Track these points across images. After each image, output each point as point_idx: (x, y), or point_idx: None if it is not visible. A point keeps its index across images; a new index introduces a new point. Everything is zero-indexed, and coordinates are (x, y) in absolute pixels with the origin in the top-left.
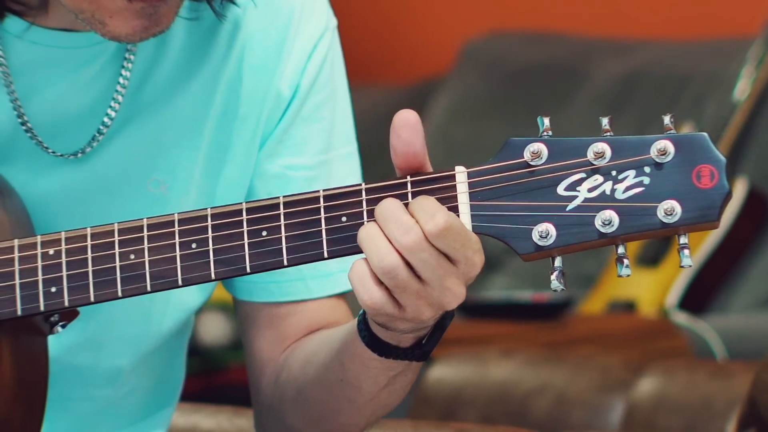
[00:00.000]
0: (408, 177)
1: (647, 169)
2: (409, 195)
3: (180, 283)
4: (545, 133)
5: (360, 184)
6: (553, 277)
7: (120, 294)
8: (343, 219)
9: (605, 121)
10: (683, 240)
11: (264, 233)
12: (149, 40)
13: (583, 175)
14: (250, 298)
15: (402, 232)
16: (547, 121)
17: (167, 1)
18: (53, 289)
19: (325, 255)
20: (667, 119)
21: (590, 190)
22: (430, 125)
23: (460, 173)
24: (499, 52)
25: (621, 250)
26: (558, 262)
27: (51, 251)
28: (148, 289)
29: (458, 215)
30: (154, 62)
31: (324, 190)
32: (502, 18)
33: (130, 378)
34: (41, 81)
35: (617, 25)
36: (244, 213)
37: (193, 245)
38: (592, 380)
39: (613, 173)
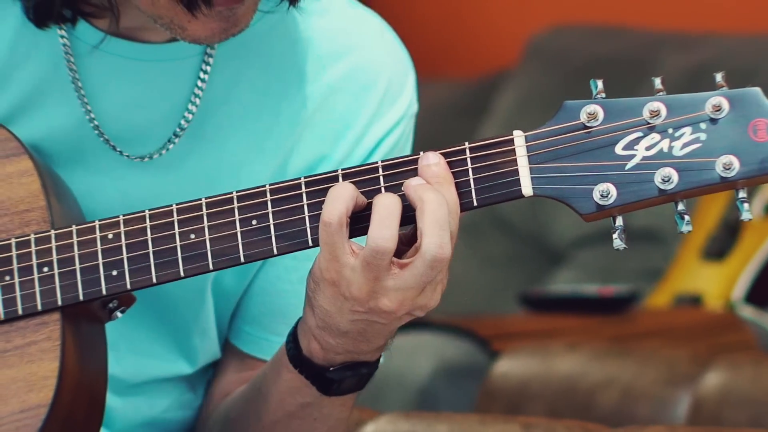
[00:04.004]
0: (466, 144)
1: (703, 126)
2: (468, 161)
3: (242, 260)
4: (599, 95)
5: (418, 153)
6: (615, 235)
7: (182, 274)
8: (403, 188)
9: (658, 81)
10: (742, 194)
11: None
12: (226, 67)
13: (640, 134)
14: (242, 346)
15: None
16: (600, 83)
17: (244, 2)
18: (114, 273)
19: None
20: (719, 77)
21: (648, 149)
22: (495, 119)
23: (518, 137)
24: (564, 46)
25: (681, 207)
26: (619, 221)
27: (110, 235)
28: (210, 267)
29: (519, 178)
30: (230, 87)
31: (382, 161)
32: (568, 12)
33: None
34: (112, 89)
35: (683, 18)
36: (303, 186)
37: (254, 222)
38: (658, 374)
39: (670, 131)
